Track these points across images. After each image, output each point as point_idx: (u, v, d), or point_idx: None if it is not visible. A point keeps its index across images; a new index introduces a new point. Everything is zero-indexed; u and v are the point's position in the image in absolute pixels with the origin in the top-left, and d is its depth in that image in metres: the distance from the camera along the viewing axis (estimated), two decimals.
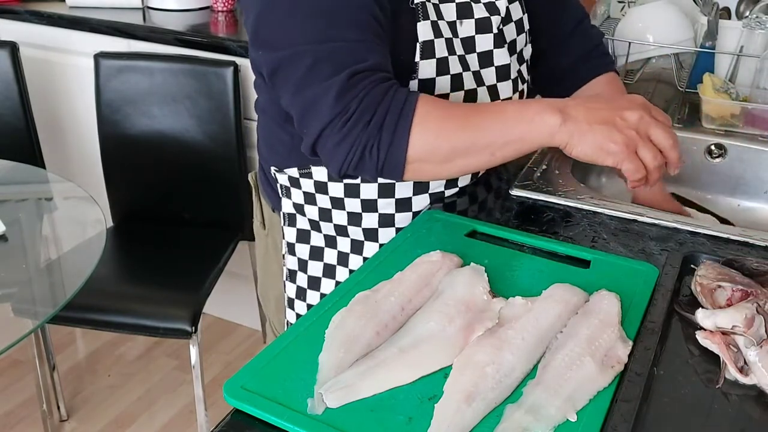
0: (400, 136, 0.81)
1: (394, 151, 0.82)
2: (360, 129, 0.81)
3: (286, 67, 0.84)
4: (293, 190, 1.04)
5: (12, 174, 1.82)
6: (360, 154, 0.82)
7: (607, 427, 0.61)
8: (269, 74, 0.87)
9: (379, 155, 0.82)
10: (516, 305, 0.74)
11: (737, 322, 0.71)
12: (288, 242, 1.08)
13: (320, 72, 0.82)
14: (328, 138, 0.82)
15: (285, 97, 0.87)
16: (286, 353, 0.69)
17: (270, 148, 1.06)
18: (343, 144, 0.82)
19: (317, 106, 0.82)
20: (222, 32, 2.06)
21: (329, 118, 0.81)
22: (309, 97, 0.83)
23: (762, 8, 1.44)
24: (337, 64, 0.82)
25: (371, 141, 0.81)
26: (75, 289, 1.36)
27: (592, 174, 1.37)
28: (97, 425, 2.01)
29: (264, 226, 1.17)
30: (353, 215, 1.02)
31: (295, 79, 0.83)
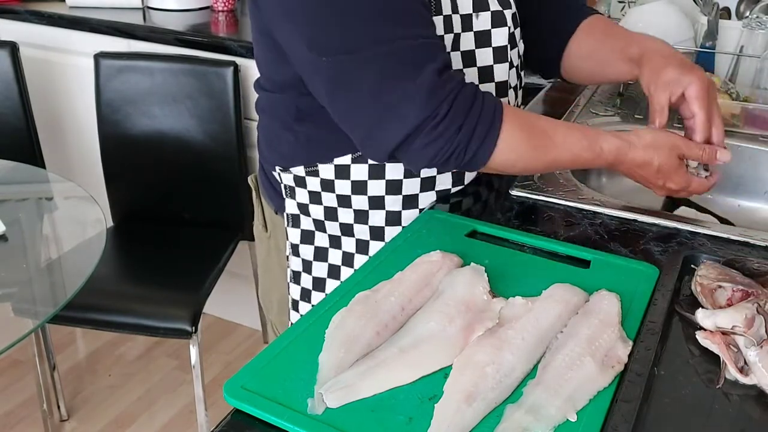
0: (487, 148, 0.85)
1: (478, 159, 0.86)
2: (452, 134, 0.82)
3: (354, 71, 0.81)
4: (298, 189, 1.03)
5: (12, 174, 1.82)
6: (447, 157, 0.84)
7: (607, 427, 0.61)
8: (328, 79, 0.84)
9: (464, 159, 0.85)
10: (516, 305, 0.74)
11: (737, 322, 0.71)
12: (292, 243, 1.08)
13: (397, 74, 0.81)
14: (416, 140, 0.82)
15: (349, 100, 0.84)
16: (286, 353, 0.69)
17: (273, 149, 1.05)
18: (433, 145, 0.83)
19: (402, 109, 0.81)
20: (222, 32, 2.06)
21: (419, 121, 0.81)
22: (390, 100, 0.81)
23: (762, 8, 1.44)
24: (415, 64, 0.81)
25: (460, 146, 0.84)
26: (75, 289, 1.36)
27: (592, 174, 1.37)
28: (97, 425, 2.01)
29: (266, 228, 1.16)
30: (360, 213, 1.01)
31: (369, 82, 0.81)
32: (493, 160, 0.86)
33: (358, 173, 0.98)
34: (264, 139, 1.08)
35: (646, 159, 0.92)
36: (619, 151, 0.92)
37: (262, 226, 1.17)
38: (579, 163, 0.93)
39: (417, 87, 0.80)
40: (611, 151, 0.91)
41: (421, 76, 0.80)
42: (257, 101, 1.08)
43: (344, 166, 0.98)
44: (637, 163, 0.93)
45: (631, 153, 0.92)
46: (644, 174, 0.94)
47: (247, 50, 1.89)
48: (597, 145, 0.91)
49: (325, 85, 0.85)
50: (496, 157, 0.86)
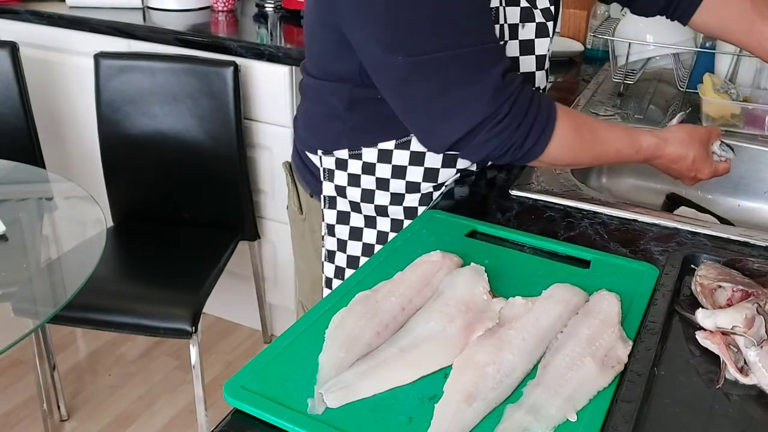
0: (541, 145, 0.92)
1: (531, 154, 0.93)
2: (511, 131, 0.90)
3: (426, 71, 0.87)
4: (337, 172, 1.08)
5: (12, 174, 1.81)
6: (503, 152, 0.91)
7: (607, 427, 0.61)
8: (400, 78, 0.89)
9: (519, 153, 0.92)
10: (516, 305, 0.74)
11: (737, 322, 0.71)
12: (328, 224, 1.13)
13: (466, 75, 0.87)
14: (478, 135, 0.89)
15: (417, 97, 0.90)
16: (286, 353, 0.69)
17: (318, 134, 1.10)
18: (493, 141, 0.90)
19: (469, 106, 0.88)
20: (222, 32, 2.06)
21: (482, 118, 0.88)
22: (457, 98, 0.88)
23: None
24: (482, 66, 0.88)
25: (517, 143, 0.91)
26: (75, 289, 1.36)
27: (592, 174, 1.37)
28: (98, 425, 2.01)
29: (301, 210, 1.21)
30: (396, 195, 1.07)
31: (439, 82, 0.88)
32: (546, 155, 0.93)
33: (400, 158, 1.04)
34: (308, 124, 1.13)
35: (681, 154, 1.01)
36: (657, 148, 1.00)
37: (297, 208, 1.22)
38: (621, 158, 1.00)
39: (483, 87, 0.87)
40: (649, 147, 1.00)
41: (487, 78, 0.88)
42: (304, 88, 1.12)
43: (387, 151, 1.04)
44: (672, 158, 1.01)
45: (667, 149, 1.01)
46: (679, 168, 1.03)
47: (247, 50, 1.90)
48: (637, 142, 0.99)
49: (396, 83, 0.91)
50: (548, 152, 0.93)
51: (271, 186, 2.05)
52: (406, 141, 1.03)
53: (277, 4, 2.26)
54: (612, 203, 1.02)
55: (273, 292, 2.23)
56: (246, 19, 2.22)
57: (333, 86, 1.04)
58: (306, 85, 1.12)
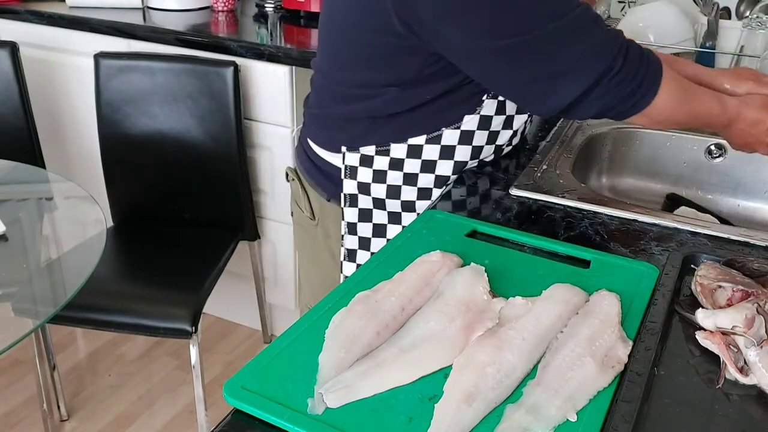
0: (651, 95, 0.94)
1: (638, 107, 0.94)
2: (627, 83, 0.91)
3: (537, 45, 0.89)
4: (361, 169, 1.08)
5: (12, 174, 1.81)
6: (616, 102, 0.93)
7: (607, 427, 0.61)
8: (509, 59, 0.91)
9: (628, 106, 0.94)
10: (516, 305, 0.74)
11: (737, 322, 0.71)
12: (349, 222, 1.13)
13: (573, 40, 0.89)
14: (593, 93, 0.91)
15: (530, 72, 0.91)
16: (286, 353, 0.69)
17: (341, 130, 1.09)
18: (609, 94, 0.91)
19: (584, 65, 0.90)
20: (222, 32, 2.06)
21: (598, 75, 0.90)
22: (571, 60, 0.90)
23: (762, 8, 1.45)
24: (584, 28, 0.90)
25: (630, 94, 0.92)
26: (75, 289, 1.36)
27: (592, 174, 1.37)
28: (98, 425, 2.00)
29: (313, 216, 1.20)
30: (423, 190, 1.08)
31: (550, 52, 0.89)
32: (652, 107, 0.94)
33: (430, 153, 1.05)
34: (331, 123, 1.11)
35: (760, 117, 1.03)
36: (739, 109, 1.03)
37: (308, 214, 1.21)
38: (710, 117, 1.02)
39: (593, 44, 0.90)
40: (735, 106, 1.02)
41: (592, 36, 0.90)
42: (321, 89, 1.11)
43: (418, 146, 1.05)
44: (750, 122, 1.03)
45: (747, 112, 1.03)
46: (755, 132, 1.04)
47: (247, 50, 1.90)
48: (723, 100, 1.02)
49: (506, 66, 0.92)
50: (655, 103, 0.94)
51: (271, 186, 2.05)
52: (437, 135, 1.04)
53: (277, 4, 2.26)
54: (612, 203, 1.02)
55: (273, 292, 2.23)
56: (246, 19, 2.22)
57: (372, 92, 1.03)
58: (326, 87, 1.10)
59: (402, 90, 1.01)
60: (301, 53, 1.84)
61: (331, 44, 1.07)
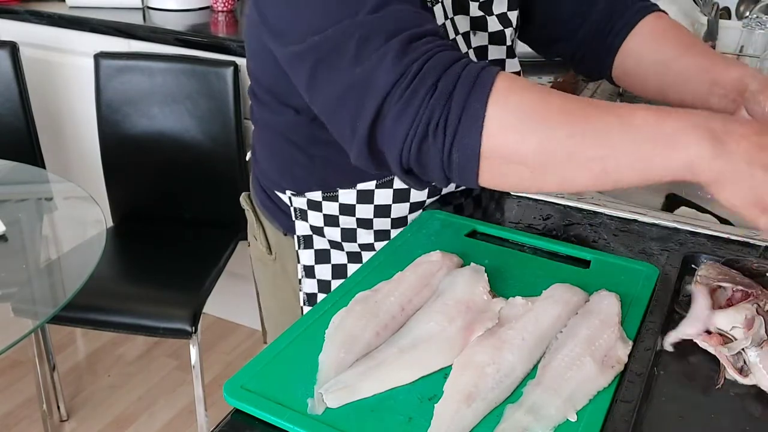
0: (474, 113, 0.62)
1: (465, 131, 0.63)
2: (422, 95, 0.64)
3: (330, 53, 0.68)
4: (311, 213, 0.97)
5: (12, 174, 1.82)
6: (424, 131, 0.64)
7: (607, 427, 0.61)
8: (310, 71, 0.71)
9: (446, 135, 0.64)
10: (516, 305, 0.74)
11: (737, 322, 0.71)
12: (305, 265, 1.02)
13: (370, 44, 0.66)
14: (387, 114, 0.66)
15: (328, 89, 0.70)
16: (286, 353, 0.69)
17: (284, 172, 0.98)
18: (404, 117, 0.64)
19: (371, 81, 0.65)
20: (222, 32, 2.06)
21: (387, 90, 0.65)
22: (359, 74, 0.66)
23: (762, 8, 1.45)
24: (389, 31, 0.66)
25: (436, 113, 0.64)
26: (75, 289, 1.36)
27: None
28: (97, 425, 2.01)
29: (270, 251, 1.09)
30: (381, 232, 0.98)
31: (343, 61, 0.67)
32: (490, 135, 0.63)
33: (383, 197, 0.94)
34: (272, 162, 1.01)
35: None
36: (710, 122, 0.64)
37: (265, 248, 1.09)
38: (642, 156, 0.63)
39: (382, 54, 0.66)
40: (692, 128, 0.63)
41: (388, 45, 0.66)
42: (259, 120, 1.00)
43: (368, 191, 0.93)
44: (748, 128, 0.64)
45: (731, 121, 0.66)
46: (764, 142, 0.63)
47: None
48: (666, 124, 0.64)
49: (310, 77, 0.72)
50: (491, 129, 0.63)
51: None
52: (388, 180, 0.92)
53: None
54: (612, 203, 1.02)
55: None
56: (246, 19, 2.22)
57: (292, 119, 0.91)
58: (259, 116, 0.98)
59: (311, 119, 0.85)
60: None
61: (249, 67, 0.97)
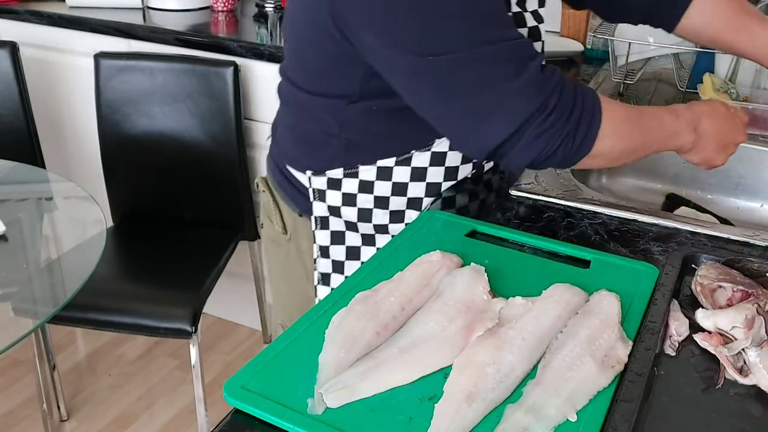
0: (592, 135, 0.87)
1: (583, 147, 0.87)
2: (561, 124, 0.84)
3: (462, 68, 0.82)
4: (329, 192, 1.03)
5: (12, 174, 1.81)
6: (555, 148, 0.85)
7: (607, 427, 0.61)
8: (435, 79, 0.84)
9: (571, 149, 0.86)
10: (516, 305, 0.74)
11: (737, 322, 0.71)
12: (321, 245, 1.08)
13: (503, 71, 0.82)
14: (524, 135, 0.84)
15: (453, 99, 0.84)
16: (286, 353, 0.69)
17: (307, 152, 1.04)
18: (543, 137, 0.84)
19: (512, 103, 0.83)
20: (222, 32, 2.06)
21: (528, 114, 0.82)
22: (498, 95, 0.83)
23: (762, 8, 1.44)
24: (518, 61, 0.83)
25: (569, 136, 0.85)
26: (75, 289, 1.36)
27: (592, 174, 1.37)
28: (98, 425, 2.00)
29: (285, 231, 1.14)
30: (396, 213, 1.03)
31: (475, 81, 0.83)
32: (597, 147, 0.87)
33: (401, 175, 1.00)
34: (297, 141, 1.07)
35: (711, 105, 0.99)
36: (691, 108, 0.96)
37: (280, 228, 1.15)
38: (661, 145, 0.95)
39: (525, 81, 0.82)
40: (685, 109, 0.95)
41: (527, 71, 0.83)
42: (287, 97, 1.06)
43: (387, 168, 1.00)
44: (708, 111, 0.97)
45: (697, 106, 0.97)
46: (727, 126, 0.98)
47: (246, 50, 1.89)
48: (673, 109, 0.95)
49: (428, 87, 0.85)
50: (599, 143, 0.87)
51: None
52: (407, 158, 0.99)
53: (277, 4, 2.26)
54: (612, 203, 1.02)
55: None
56: (246, 19, 2.22)
57: (328, 103, 0.98)
58: (291, 96, 1.05)
59: (352, 103, 0.95)
60: None
61: (290, 49, 1.03)
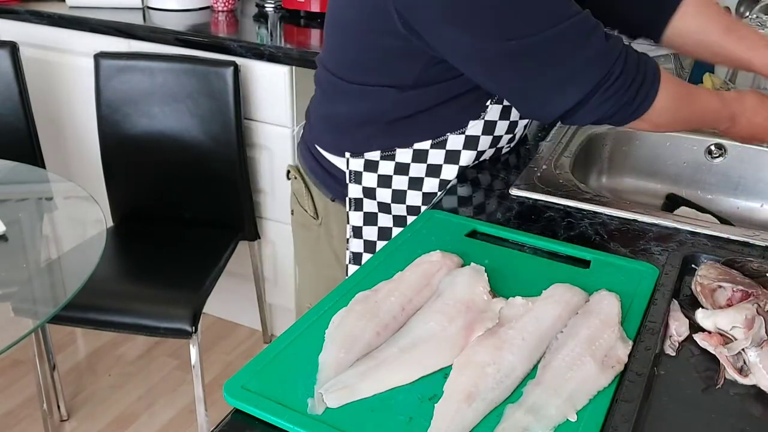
0: (650, 99, 0.94)
1: (638, 112, 0.95)
2: (624, 90, 0.92)
3: (540, 48, 0.89)
4: (366, 174, 1.09)
5: (12, 174, 1.81)
6: (616, 110, 0.93)
7: (607, 427, 0.61)
8: (513, 61, 0.91)
9: (628, 112, 0.94)
10: (516, 305, 0.74)
11: (737, 322, 0.71)
12: (354, 226, 1.14)
13: (575, 44, 0.90)
14: (591, 99, 0.92)
15: (531, 76, 0.92)
16: (286, 353, 0.69)
17: (346, 135, 1.10)
18: (609, 101, 0.92)
19: (583, 74, 0.91)
20: (222, 32, 2.06)
21: (596, 82, 0.90)
22: (571, 68, 0.91)
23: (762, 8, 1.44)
24: (587, 34, 0.90)
25: (629, 100, 0.93)
26: (75, 289, 1.36)
27: (592, 174, 1.37)
28: (98, 425, 2.00)
29: (317, 216, 1.20)
30: (428, 195, 1.09)
31: (553, 56, 0.90)
32: (653, 110, 0.95)
33: (435, 158, 1.06)
34: (335, 127, 1.11)
35: (761, 104, 1.04)
36: (738, 98, 1.04)
37: (312, 213, 1.21)
38: (711, 113, 1.03)
39: (592, 52, 0.90)
40: (734, 98, 1.03)
41: (592, 44, 0.90)
42: (328, 89, 1.10)
43: (423, 151, 1.06)
44: (753, 109, 1.03)
45: (747, 100, 1.04)
46: (760, 120, 1.04)
47: (246, 50, 1.89)
48: (723, 95, 1.03)
49: (508, 68, 0.92)
50: (655, 106, 0.95)
51: (271, 186, 2.05)
52: (442, 141, 1.05)
53: (277, 4, 2.26)
54: (612, 203, 1.02)
55: (273, 292, 2.23)
56: (246, 19, 2.22)
57: (374, 91, 1.03)
58: (330, 85, 1.10)
59: (401, 92, 1.01)
60: (301, 53, 1.84)
61: (334, 42, 1.08)
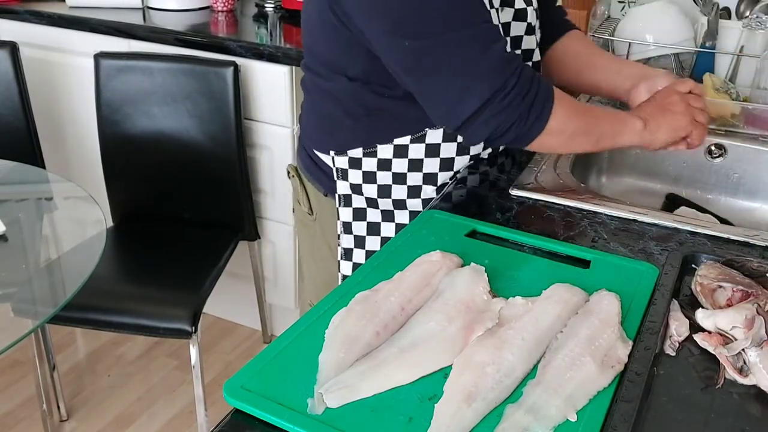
0: (544, 116, 0.95)
1: (536, 126, 0.95)
2: (516, 104, 0.92)
3: (436, 52, 0.91)
4: (351, 171, 1.10)
5: (12, 174, 1.81)
6: (508, 126, 0.93)
7: (607, 427, 0.61)
8: (411, 62, 0.93)
9: (523, 128, 0.94)
10: (516, 305, 0.74)
11: (737, 322, 0.71)
12: (344, 222, 1.15)
13: (473, 54, 0.91)
14: (486, 110, 0.92)
15: (432, 81, 0.93)
16: (286, 353, 0.69)
17: (331, 134, 1.12)
18: (500, 115, 0.93)
19: (478, 84, 0.91)
20: (222, 32, 2.06)
21: (490, 93, 0.91)
22: (468, 78, 0.92)
23: (762, 8, 1.44)
24: (485, 45, 0.92)
25: (522, 115, 0.93)
26: (75, 289, 1.36)
27: (592, 174, 1.38)
28: (97, 425, 2.00)
29: (311, 212, 1.22)
30: (414, 188, 1.10)
31: (450, 63, 0.91)
32: (548, 130, 0.95)
33: (416, 152, 1.07)
34: (318, 125, 1.14)
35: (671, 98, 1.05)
36: (639, 114, 1.04)
37: (307, 209, 1.23)
38: (615, 131, 1.02)
39: (490, 62, 0.91)
40: (633, 116, 1.04)
41: (492, 54, 0.92)
42: (308, 86, 1.14)
43: (403, 146, 1.07)
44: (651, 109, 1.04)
45: (646, 108, 1.05)
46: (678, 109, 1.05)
47: (246, 50, 1.89)
48: (624, 115, 1.04)
49: (408, 67, 0.94)
50: (550, 126, 0.95)
51: (271, 186, 2.04)
52: (421, 135, 1.06)
53: (277, 4, 2.26)
54: (612, 203, 1.02)
55: (273, 292, 2.23)
56: (246, 19, 2.22)
57: (344, 86, 1.05)
58: (312, 85, 1.13)
59: (364, 85, 1.03)
60: (301, 53, 1.84)
61: (306, 40, 1.13)
